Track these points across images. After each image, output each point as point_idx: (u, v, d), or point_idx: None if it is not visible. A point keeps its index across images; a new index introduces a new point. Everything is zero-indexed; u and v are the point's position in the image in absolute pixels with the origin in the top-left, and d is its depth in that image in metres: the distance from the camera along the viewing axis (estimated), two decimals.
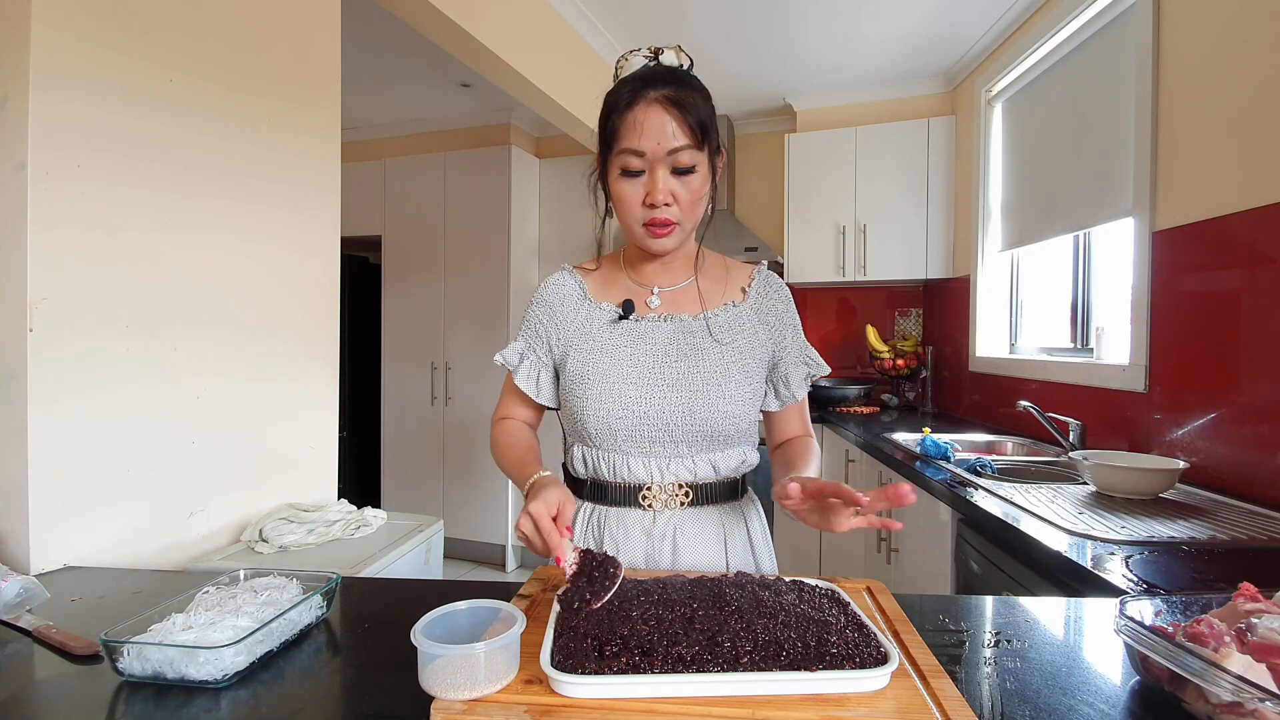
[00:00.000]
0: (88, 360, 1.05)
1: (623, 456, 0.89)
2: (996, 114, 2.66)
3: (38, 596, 0.81)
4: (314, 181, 1.50)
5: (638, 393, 0.87)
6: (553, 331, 0.95)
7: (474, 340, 3.52)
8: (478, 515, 3.51)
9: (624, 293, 0.96)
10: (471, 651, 0.51)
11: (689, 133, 0.82)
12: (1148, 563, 0.98)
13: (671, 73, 0.85)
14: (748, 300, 0.97)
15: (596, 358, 0.90)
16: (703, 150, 0.84)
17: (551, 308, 0.96)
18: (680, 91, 0.83)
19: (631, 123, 0.82)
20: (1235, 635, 0.54)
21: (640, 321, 0.92)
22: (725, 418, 0.88)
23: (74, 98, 1.03)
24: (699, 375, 0.88)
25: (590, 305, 0.95)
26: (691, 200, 0.86)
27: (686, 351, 0.90)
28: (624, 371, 0.88)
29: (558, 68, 2.46)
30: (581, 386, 0.89)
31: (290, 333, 1.45)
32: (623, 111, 0.83)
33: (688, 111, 0.82)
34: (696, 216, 0.89)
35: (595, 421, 0.88)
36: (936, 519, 1.64)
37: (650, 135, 0.81)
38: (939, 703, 0.51)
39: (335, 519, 1.34)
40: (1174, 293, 1.58)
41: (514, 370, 0.95)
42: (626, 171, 0.85)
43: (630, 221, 0.87)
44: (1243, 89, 1.38)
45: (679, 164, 0.83)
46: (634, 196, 0.85)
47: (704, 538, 0.90)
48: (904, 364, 3.13)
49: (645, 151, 0.82)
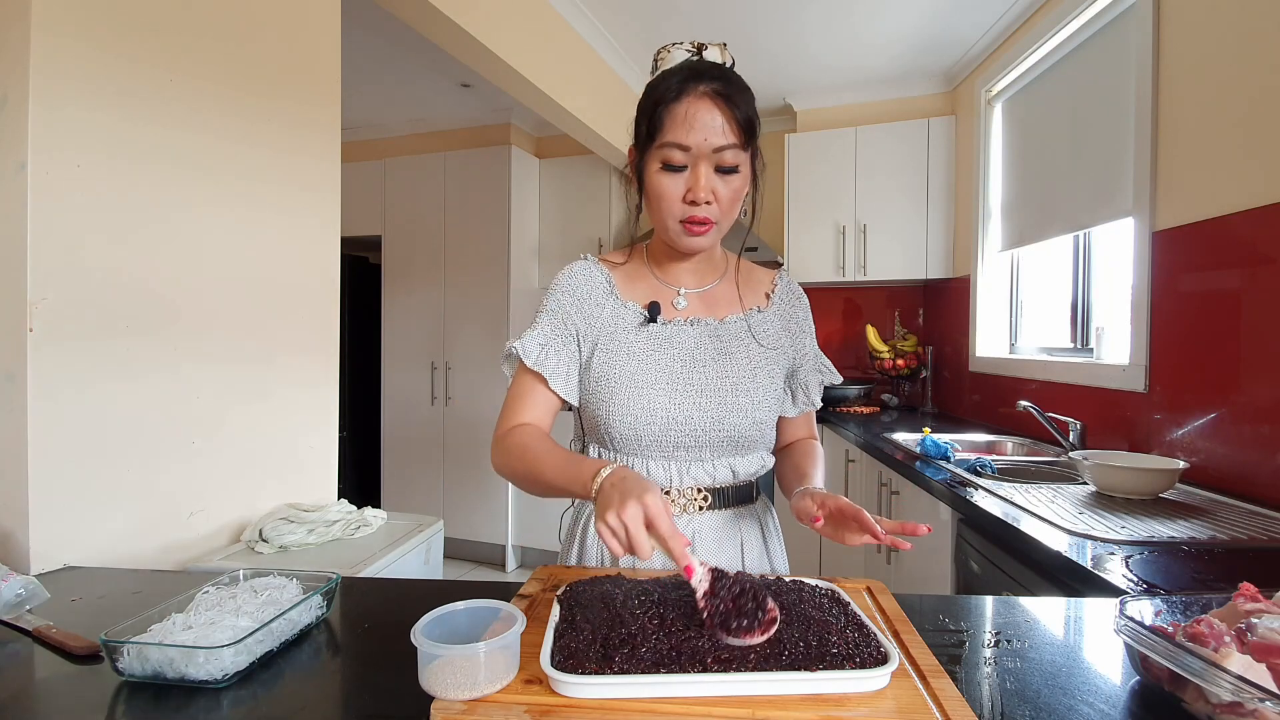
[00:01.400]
0: (88, 360, 1.05)
1: (643, 460, 0.88)
2: (996, 114, 2.66)
3: (38, 596, 0.81)
4: (314, 181, 1.50)
5: (665, 398, 0.85)
6: (581, 323, 0.90)
7: (474, 340, 3.52)
8: (478, 515, 3.51)
9: (649, 291, 0.93)
10: (471, 651, 0.51)
11: (737, 131, 0.80)
12: (1148, 563, 0.98)
13: (719, 69, 0.82)
14: (772, 306, 0.96)
15: (624, 360, 0.87)
16: (746, 150, 0.82)
17: (579, 299, 0.91)
18: (730, 88, 0.80)
19: (680, 115, 0.79)
20: (1235, 635, 0.54)
21: (667, 325, 0.90)
22: (753, 423, 0.88)
23: (74, 98, 1.03)
24: (728, 381, 0.87)
25: (617, 303, 0.91)
26: (731, 200, 0.84)
27: (715, 356, 0.89)
28: (651, 376, 0.86)
29: (558, 68, 2.46)
30: (607, 390, 0.86)
31: (290, 333, 1.45)
32: (670, 103, 0.80)
33: (737, 109, 0.80)
34: (733, 217, 0.87)
35: (621, 426, 0.85)
36: (936, 519, 1.64)
37: (698, 130, 0.79)
38: (939, 703, 0.51)
39: (335, 519, 1.34)
40: (1174, 293, 1.58)
41: (537, 364, 0.86)
42: (668, 166, 0.81)
43: (666, 217, 0.85)
44: (1243, 89, 1.38)
45: (723, 163, 0.81)
46: (674, 192, 0.82)
47: (720, 542, 0.90)
48: (904, 364, 3.13)
49: (691, 146, 0.79)
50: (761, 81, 3.12)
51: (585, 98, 2.68)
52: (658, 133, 0.81)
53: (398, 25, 2.34)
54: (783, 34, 2.64)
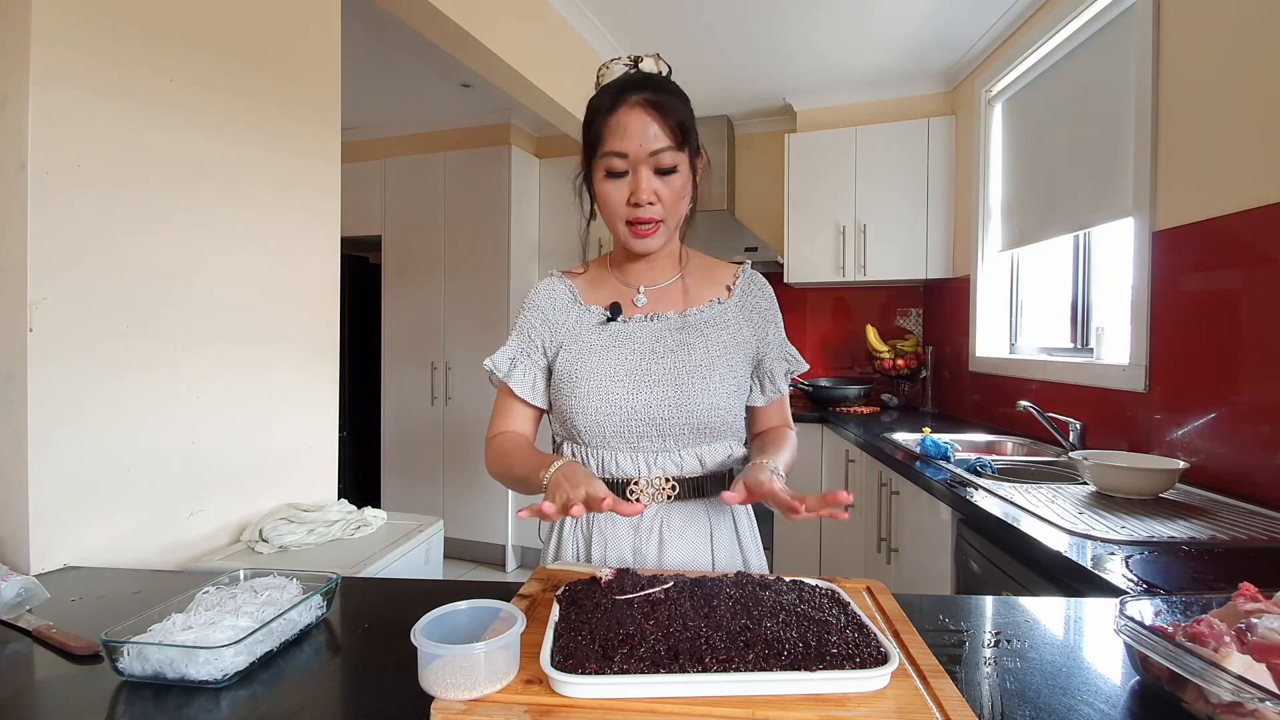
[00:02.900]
0: (88, 360, 1.05)
1: (611, 453, 0.92)
2: (996, 114, 2.66)
3: (38, 596, 0.81)
4: (314, 181, 1.50)
5: (624, 389, 0.90)
6: (546, 334, 0.97)
7: (474, 340, 3.52)
8: (478, 515, 3.51)
9: (612, 294, 0.99)
10: (471, 651, 0.51)
11: (670, 134, 0.86)
12: (1148, 563, 0.98)
13: (650, 78, 0.89)
14: (732, 297, 0.99)
15: (585, 357, 0.92)
16: (683, 151, 0.88)
17: (543, 311, 0.99)
18: (660, 95, 0.86)
19: (614, 126, 0.86)
20: (1235, 635, 0.54)
21: (628, 322, 0.96)
22: (710, 410, 0.90)
23: (74, 98, 1.03)
24: (684, 370, 0.91)
25: (580, 308, 0.98)
26: (674, 199, 0.89)
27: (672, 348, 0.93)
28: (611, 370, 0.91)
29: (558, 68, 2.46)
30: (570, 385, 0.91)
31: (290, 332, 1.45)
32: (605, 116, 0.87)
33: (667, 114, 0.86)
34: (679, 215, 0.92)
35: (584, 419, 0.90)
36: (936, 519, 1.64)
37: (632, 137, 0.85)
38: (939, 703, 0.51)
39: (335, 519, 1.34)
40: (1174, 293, 1.58)
41: (505, 376, 0.96)
42: (611, 173, 0.88)
43: (615, 221, 0.91)
44: (1243, 89, 1.38)
45: (661, 164, 0.87)
46: (619, 196, 0.89)
47: (690, 532, 0.92)
48: (904, 364, 3.13)
49: (628, 153, 0.86)
50: (761, 81, 3.12)
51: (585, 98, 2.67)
52: (598, 143, 0.89)
53: (398, 25, 2.34)
54: (782, 34, 2.64)
